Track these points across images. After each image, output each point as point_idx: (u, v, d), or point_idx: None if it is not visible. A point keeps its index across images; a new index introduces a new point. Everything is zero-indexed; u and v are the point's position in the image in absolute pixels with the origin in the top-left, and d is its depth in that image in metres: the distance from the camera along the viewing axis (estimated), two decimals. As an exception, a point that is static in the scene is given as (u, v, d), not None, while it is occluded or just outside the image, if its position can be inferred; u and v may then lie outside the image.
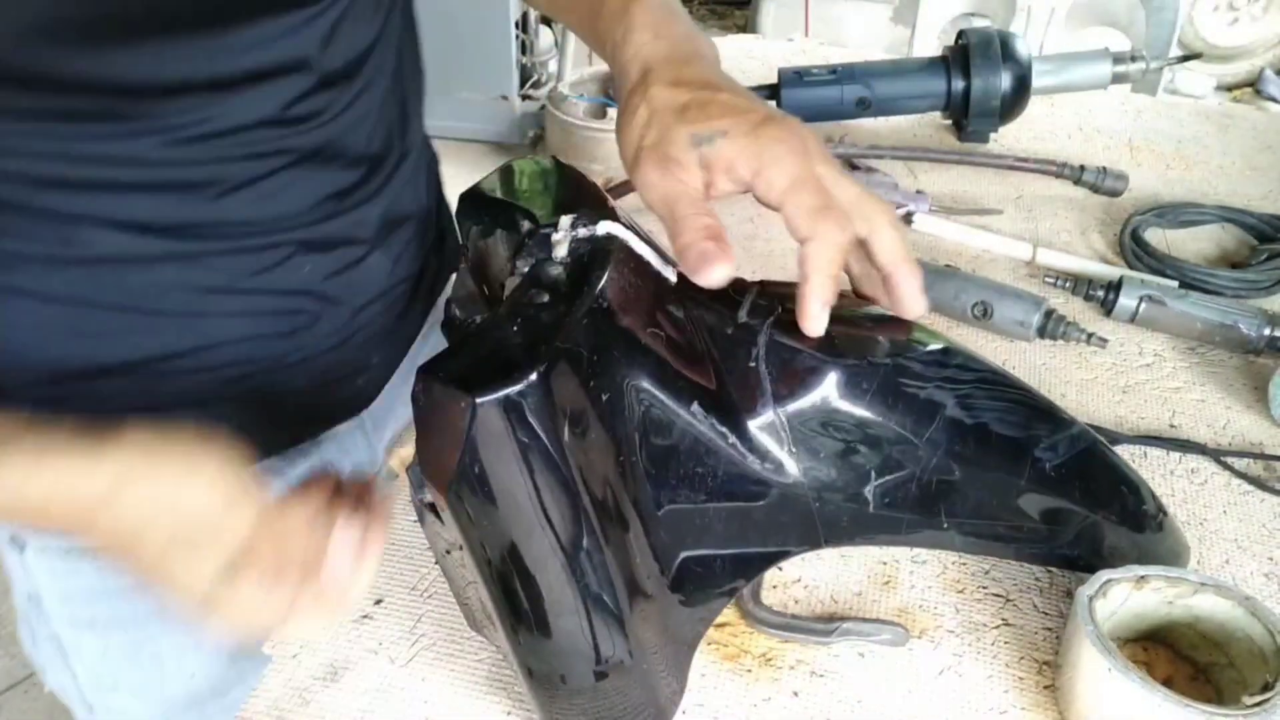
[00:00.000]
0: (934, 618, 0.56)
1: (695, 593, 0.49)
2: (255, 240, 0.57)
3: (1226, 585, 0.51)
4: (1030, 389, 0.54)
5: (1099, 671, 0.46)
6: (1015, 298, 0.77)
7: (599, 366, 0.43)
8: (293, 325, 0.61)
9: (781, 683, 0.52)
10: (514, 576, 0.43)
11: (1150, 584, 0.51)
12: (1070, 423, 0.53)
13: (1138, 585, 0.51)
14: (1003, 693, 0.52)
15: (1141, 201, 0.96)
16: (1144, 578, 0.51)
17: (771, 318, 0.50)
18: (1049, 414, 0.54)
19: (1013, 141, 1.06)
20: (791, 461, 0.50)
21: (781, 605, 0.56)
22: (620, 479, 0.45)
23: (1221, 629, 0.51)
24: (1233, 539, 0.61)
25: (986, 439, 0.52)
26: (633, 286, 0.46)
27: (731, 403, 0.49)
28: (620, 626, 0.45)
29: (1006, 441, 0.52)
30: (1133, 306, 0.78)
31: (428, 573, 0.58)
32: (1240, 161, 1.05)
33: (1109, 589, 0.50)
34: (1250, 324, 0.75)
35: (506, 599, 0.44)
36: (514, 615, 0.44)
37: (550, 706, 0.48)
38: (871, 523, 0.52)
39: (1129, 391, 0.73)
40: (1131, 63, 0.97)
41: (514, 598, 0.44)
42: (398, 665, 0.53)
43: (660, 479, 0.47)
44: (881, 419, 0.50)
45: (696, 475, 0.49)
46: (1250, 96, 3.45)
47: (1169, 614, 0.52)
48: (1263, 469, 0.66)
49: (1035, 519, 0.53)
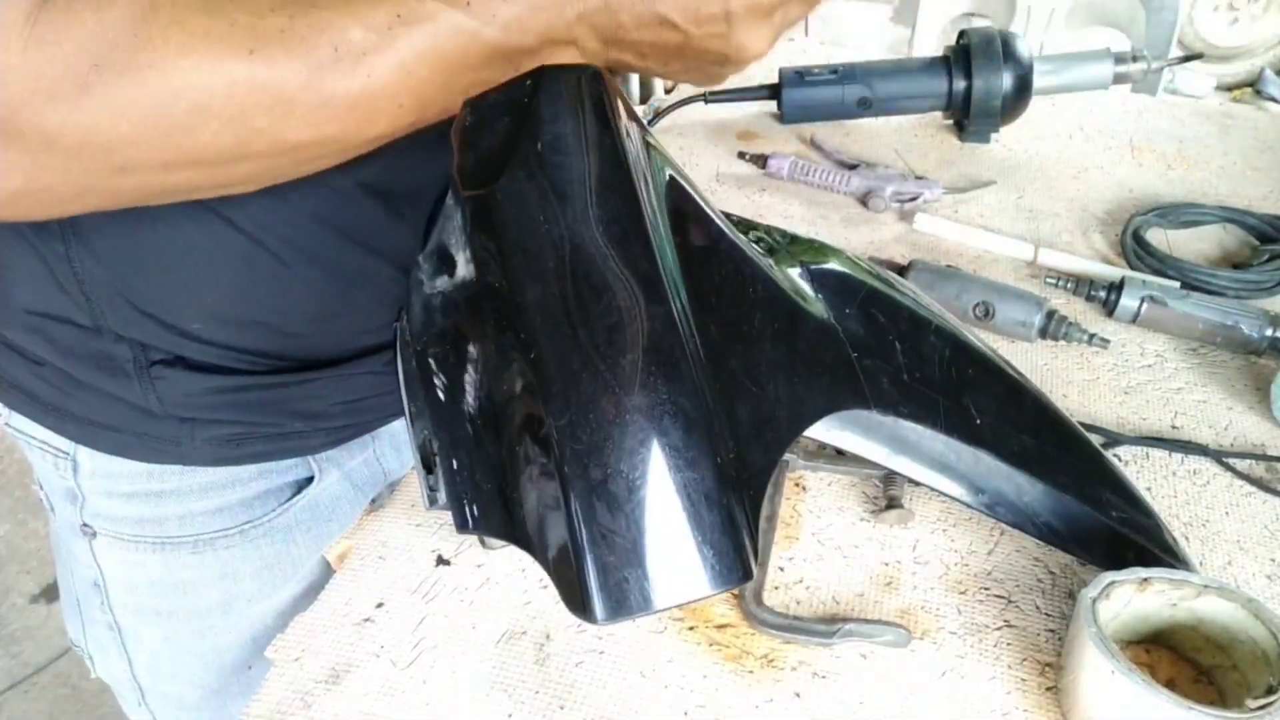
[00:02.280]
0: (936, 619, 0.56)
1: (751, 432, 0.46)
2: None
3: (1230, 588, 0.50)
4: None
5: (1102, 674, 0.46)
6: (1017, 298, 0.77)
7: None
8: None
9: (784, 684, 0.52)
10: (570, 280, 0.41)
11: (1154, 586, 0.50)
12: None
13: (1141, 588, 0.50)
14: (1005, 694, 0.52)
15: (1143, 202, 0.96)
16: (1147, 580, 0.50)
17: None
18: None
19: (1013, 141, 1.06)
20: (819, 302, 0.52)
21: (783, 606, 0.56)
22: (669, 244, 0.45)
23: (1225, 631, 0.51)
24: (1235, 540, 0.61)
25: (985, 360, 0.57)
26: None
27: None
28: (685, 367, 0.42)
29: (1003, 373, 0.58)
30: (1134, 307, 0.78)
31: (429, 576, 0.58)
32: (1241, 162, 1.05)
33: (1112, 591, 0.50)
34: (1252, 325, 0.75)
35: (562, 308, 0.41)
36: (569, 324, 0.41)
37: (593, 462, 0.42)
38: (909, 394, 0.52)
39: (1131, 392, 0.73)
40: (1133, 63, 0.97)
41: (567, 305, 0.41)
42: (399, 668, 0.53)
43: (702, 276, 0.46)
44: (890, 299, 0.55)
45: (737, 280, 0.49)
46: (1250, 96, 3.45)
47: (1172, 616, 0.52)
48: (1265, 470, 0.66)
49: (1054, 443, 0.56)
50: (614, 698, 0.51)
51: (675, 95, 1.13)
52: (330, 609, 0.56)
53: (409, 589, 0.57)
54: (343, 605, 0.56)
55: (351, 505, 0.72)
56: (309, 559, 0.71)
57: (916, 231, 0.90)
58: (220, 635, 0.71)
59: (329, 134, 0.46)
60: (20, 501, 2.16)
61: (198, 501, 0.65)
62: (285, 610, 0.71)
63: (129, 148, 0.42)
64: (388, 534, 0.61)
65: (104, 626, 0.71)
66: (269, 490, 0.68)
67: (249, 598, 0.70)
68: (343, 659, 0.53)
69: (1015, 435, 0.55)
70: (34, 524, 2.11)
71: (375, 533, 0.61)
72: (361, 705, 0.51)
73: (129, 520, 0.65)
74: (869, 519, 0.62)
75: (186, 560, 0.67)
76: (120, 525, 0.66)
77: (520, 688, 0.52)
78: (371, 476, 0.74)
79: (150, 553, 0.66)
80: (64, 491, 0.66)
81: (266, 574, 0.70)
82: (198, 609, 0.69)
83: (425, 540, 0.60)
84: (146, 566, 0.67)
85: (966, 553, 0.60)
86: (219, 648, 0.71)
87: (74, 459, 0.64)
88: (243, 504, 0.67)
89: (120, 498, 0.65)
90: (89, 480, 0.64)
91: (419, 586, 0.58)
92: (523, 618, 0.55)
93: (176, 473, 0.64)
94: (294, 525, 0.70)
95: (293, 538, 0.70)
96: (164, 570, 0.67)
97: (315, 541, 0.71)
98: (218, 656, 0.71)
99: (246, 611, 0.70)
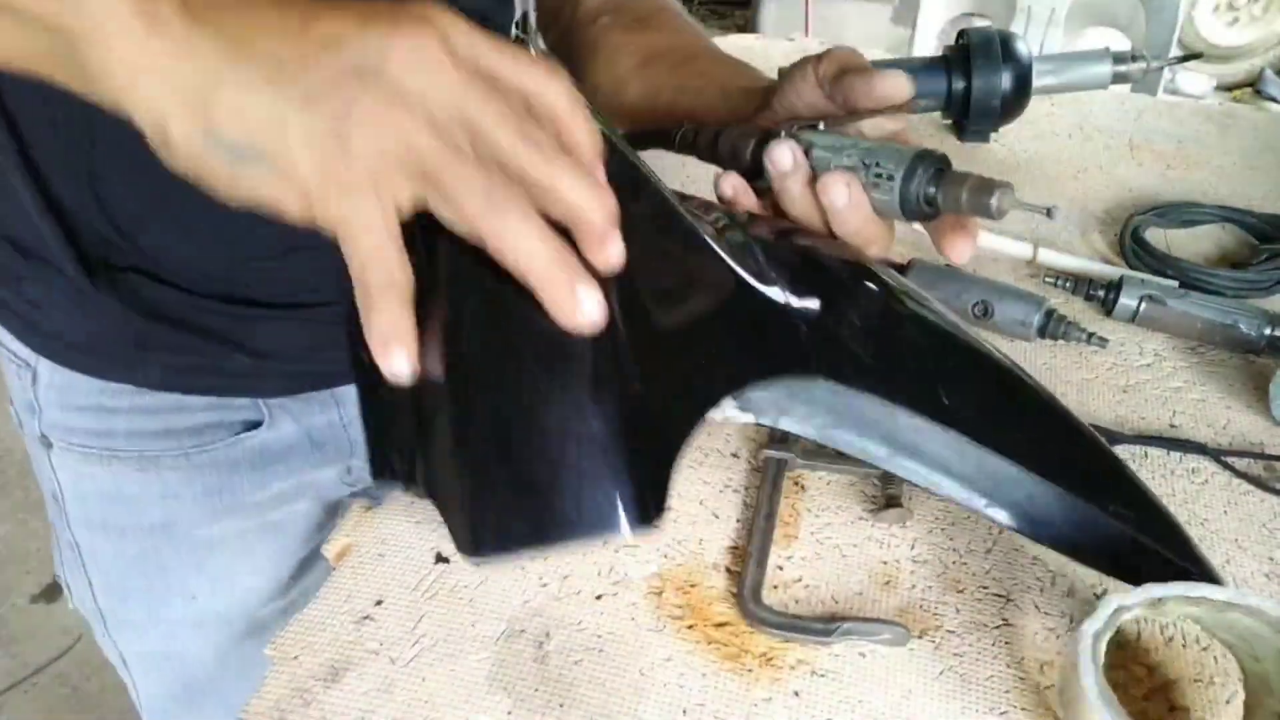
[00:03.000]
0: (935, 618, 0.56)
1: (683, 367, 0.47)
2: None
3: (1259, 604, 0.46)
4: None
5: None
6: (1016, 297, 0.77)
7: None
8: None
9: (782, 683, 0.52)
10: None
11: (1167, 606, 0.47)
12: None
13: (1155, 608, 0.47)
14: (1004, 693, 0.52)
15: (1142, 201, 0.96)
16: (1160, 600, 0.46)
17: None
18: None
19: (1013, 141, 1.06)
20: (775, 278, 0.53)
21: (782, 605, 0.56)
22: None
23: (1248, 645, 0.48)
24: (1233, 539, 0.61)
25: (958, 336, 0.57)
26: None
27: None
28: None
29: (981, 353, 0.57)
30: (1133, 306, 0.78)
31: (429, 573, 0.58)
32: (1241, 161, 1.05)
33: (1119, 619, 0.46)
34: (1251, 324, 0.75)
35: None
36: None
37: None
38: (866, 369, 0.52)
39: (1129, 391, 0.73)
40: (1132, 63, 0.97)
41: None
42: (399, 665, 0.53)
43: (632, 238, 0.44)
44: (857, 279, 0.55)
45: (670, 243, 0.49)
46: (1250, 96, 3.46)
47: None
48: (1263, 469, 0.66)
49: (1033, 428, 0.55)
50: (613, 696, 0.51)
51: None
52: (329, 606, 0.56)
53: (408, 586, 0.57)
54: (342, 603, 0.56)
55: (306, 459, 0.75)
56: (254, 492, 0.74)
57: (916, 231, 0.90)
58: (164, 555, 0.73)
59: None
60: (20, 502, 2.16)
61: (146, 421, 0.68)
62: (231, 541, 0.74)
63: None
64: (387, 531, 0.61)
65: (67, 546, 0.75)
66: (218, 423, 0.70)
67: (191, 522, 0.72)
68: (342, 656, 0.54)
69: (998, 423, 0.54)
70: (34, 524, 2.11)
71: (374, 530, 0.61)
72: (361, 703, 0.51)
73: (80, 431, 0.69)
74: (868, 518, 0.62)
75: (132, 476, 0.70)
76: (72, 435, 0.69)
77: (519, 685, 0.52)
78: (335, 439, 0.76)
79: (99, 464, 0.69)
80: (25, 404, 0.70)
81: (206, 501, 0.72)
82: (142, 526, 0.72)
83: (425, 538, 0.60)
84: (96, 479, 0.70)
85: (965, 551, 0.60)
86: (163, 569, 0.74)
87: (35, 370, 0.67)
88: (190, 430, 0.69)
89: (74, 410, 0.68)
90: (46, 392, 0.68)
91: (418, 584, 0.58)
92: (522, 616, 0.56)
93: (129, 392, 0.67)
94: (240, 460, 0.72)
95: (237, 471, 0.72)
96: (112, 482, 0.70)
97: (260, 479, 0.74)
98: (163, 578, 0.74)
99: (189, 535, 0.73)
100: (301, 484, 0.76)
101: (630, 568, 0.58)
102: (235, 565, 0.76)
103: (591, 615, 0.56)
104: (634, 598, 0.57)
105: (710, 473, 0.65)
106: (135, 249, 0.62)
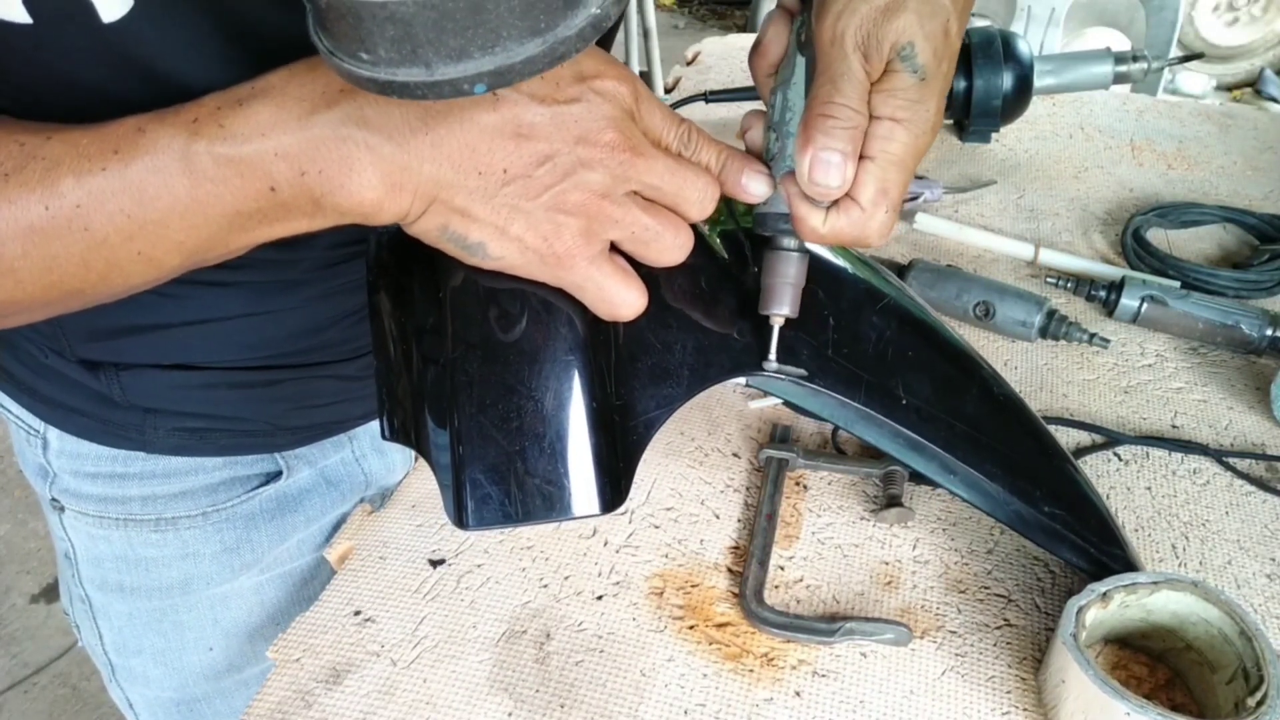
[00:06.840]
0: (936, 618, 0.56)
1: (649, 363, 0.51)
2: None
3: (1178, 577, 0.50)
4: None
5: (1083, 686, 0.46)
6: (1017, 298, 0.77)
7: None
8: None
9: (784, 683, 0.52)
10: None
11: (1114, 598, 0.50)
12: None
13: (1103, 603, 0.50)
14: (1005, 693, 0.52)
15: (1143, 201, 0.96)
16: (1107, 594, 0.50)
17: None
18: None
19: (1014, 141, 1.06)
20: (747, 271, 0.54)
21: (784, 605, 0.56)
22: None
23: (1179, 620, 0.51)
24: (1235, 540, 0.61)
25: (932, 333, 0.58)
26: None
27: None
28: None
29: (952, 345, 0.59)
30: (1135, 307, 0.78)
31: (429, 575, 0.58)
32: (1241, 161, 1.05)
33: (1084, 616, 0.49)
34: (1252, 324, 0.75)
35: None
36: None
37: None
38: (829, 366, 0.54)
39: (1131, 392, 0.73)
40: (1133, 62, 0.97)
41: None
42: (400, 667, 0.53)
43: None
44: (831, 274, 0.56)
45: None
46: (1250, 96, 3.46)
47: (1128, 617, 0.52)
48: (1265, 469, 0.66)
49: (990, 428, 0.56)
50: (614, 696, 0.51)
51: (676, 94, 1.13)
52: (331, 609, 0.56)
53: (409, 589, 0.57)
54: (343, 605, 0.56)
55: (323, 500, 0.73)
56: (273, 547, 0.72)
57: (917, 231, 0.90)
58: (181, 614, 0.72)
59: (71, 291, 0.41)
60: (20, 501, 2.16)
61: (161, 485, 0.67)
62: (247, 594, 0.73)
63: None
64: (388, 534, 0.61)
65: (78, 600, 0.73)
66: (234, 478, 0.69)
67: (208, 579, 0.71)
68: (343, 659, 0.53)
69: (947, 419, 0.56)
70: (34, 524, 2.11)
71: (376, 533, 0.61)
72: (362, 704, 0.51)
73: (93, 498, 0.67)
74: (869, 518, 0.62)
75: (148, 538, 0.68)
76: (85, 503, 0.67)
77: (520, 686, 0.52)
78: (350, 476, 0.74)
79: (114, 529, 0.68)
80: (36, 467, 0.68)
81: (226, 558, 0.70)
82: (159, 586, 0.70)
83: (426, 541, 0.60)
84: (111, 542, 0.68)
85: (967, 552, 0.60)
86: (180, 625, 0.72)
87: (44, 437, 0.66)
88: (206, 490, 0.68)
89: (86, 477, 0.66)
90: (57, 459, 0.66)
91: (419, 586, 0.58)
92: (523, 617, 0.56)
93: (141, 458, 0.65)
94: (258, 513, 0.70)
95: (255, 525, 0.71)
96: (126, 546, 0.68)
97: (279, 530, 0.72)
98: (179, 635, 0.73)
99: (206, 593, 0.71)
100: (322, 529, 0.75)
101: (631, 568, 0.58)
102: (251, 617, 0.74)
103: (592, 616, 0.56)
104: (635, 598, 0.57)
105: (711, 473, 0.65)
106: (142, 349, 0.60)
